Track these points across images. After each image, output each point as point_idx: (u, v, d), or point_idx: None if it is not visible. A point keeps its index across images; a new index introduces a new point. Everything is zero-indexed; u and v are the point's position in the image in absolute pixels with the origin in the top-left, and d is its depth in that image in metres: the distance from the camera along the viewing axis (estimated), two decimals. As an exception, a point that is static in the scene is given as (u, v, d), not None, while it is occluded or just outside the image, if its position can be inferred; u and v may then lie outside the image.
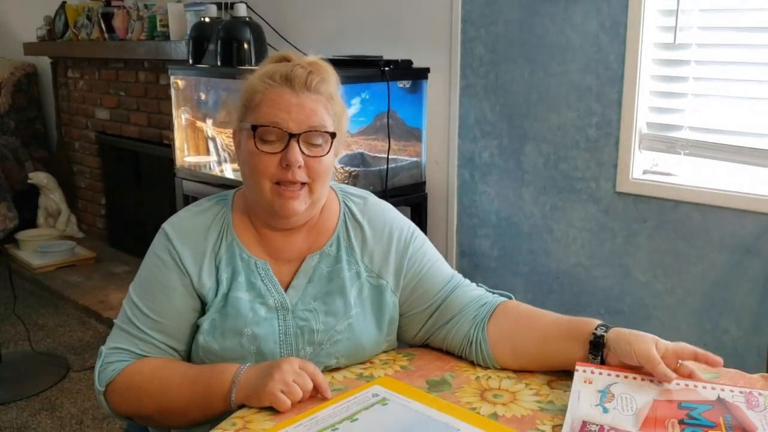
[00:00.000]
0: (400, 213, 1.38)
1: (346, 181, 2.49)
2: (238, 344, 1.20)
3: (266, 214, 1.25)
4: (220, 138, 2.84)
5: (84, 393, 2.84)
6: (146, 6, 3.70)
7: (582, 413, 1.03)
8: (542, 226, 2.50)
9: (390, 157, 2.53)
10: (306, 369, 1.11)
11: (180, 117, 2.99)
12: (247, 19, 2.80)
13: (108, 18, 3.91)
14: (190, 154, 2.99)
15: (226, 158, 2.83)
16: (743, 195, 2.06)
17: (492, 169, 2.60)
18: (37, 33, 4.57)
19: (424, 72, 2.64)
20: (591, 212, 2.36)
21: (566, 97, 2.36)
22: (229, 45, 2.72)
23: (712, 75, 2.13)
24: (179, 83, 2.98)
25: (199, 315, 1.24)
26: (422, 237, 1.35)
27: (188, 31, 3.09)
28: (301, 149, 1.19)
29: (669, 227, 2.20)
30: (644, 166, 2.27)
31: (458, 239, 2.75)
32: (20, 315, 3.25)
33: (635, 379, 1.09)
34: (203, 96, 2.94)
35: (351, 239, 1.30)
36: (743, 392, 1.06)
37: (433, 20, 2.65)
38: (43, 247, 4.28)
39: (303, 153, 1.19)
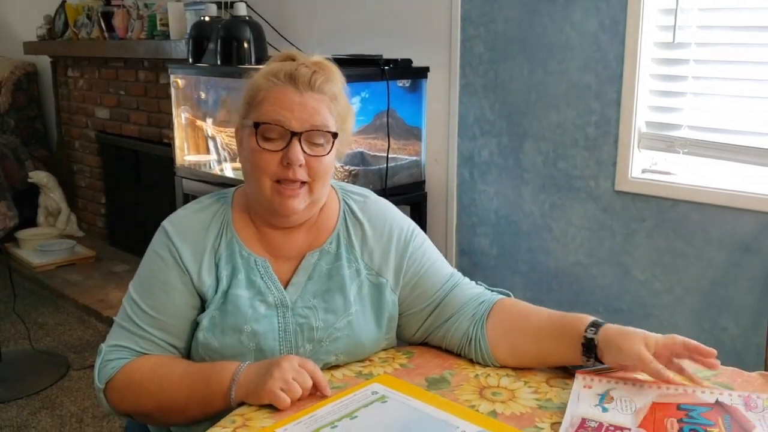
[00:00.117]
0: (401, 211, 1.38)
1: (346, 180, 2.49)
2: (238, 341, 1.21)
3: (266, 212, 1.25)
4: (220, 137, 2.85)
5: (84, 391, 2.84)
6: (146, 5, 3.70)
7: (581, 411, 1.04)
8: (541, 225, 2.50)
9: (390, 156, 2.53)
10: (306, 367, 1.11)
11: (180, 116, 2.99)
12: (247, 18, 2.80)
13: (108, 17, 3.91)
14: (190, 153, 2.99)
15: (226, 157, 2.83)
16: (742, 194, 2.06)
17: (491, 168, 2.60)
18: (37, 32, 4.57)
19: (424, 71, 2.64)
20: (590, 211, 2.37)
21: (565, 96, 2.36)
22: (229, 44, 2.72)
23: (712, 74, 2.13)
24: (179, 82, 2.98)
25: (199, 312, 1.24)
26: (422, 235, 1.36)
27: (188, 30, 3.08)
28: (303, 148, 1.19)
29: (668, 226, 2.21)
30: (643, 165, 2.28)
31: (458, 238, 2.75)
32: (20, 314, 3.25)
33: (635, 385, 1.10)
34: (203, 95, 2.94)
35: (351, 237, 1.30)
36: (741, 395, 1.07)
37: (433, 19, 2.66)
38: (43, 246, 4.29)
39: (304, 152, 1.19)
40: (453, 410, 1.06)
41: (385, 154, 2.52)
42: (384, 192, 2.47)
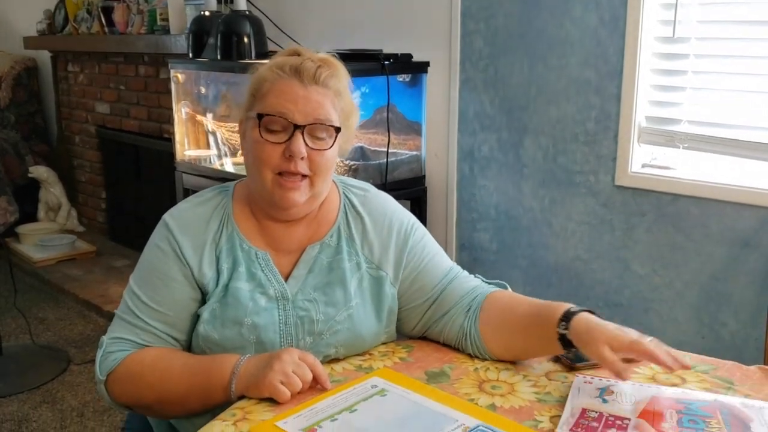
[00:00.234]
0: (401, 205, 1.38)
1: (347, 175, 2.49)
2: (238, 334, 1.21)
3: (267, 204, 1.25)
4: (221, 132, 2.85)
5: (85, 386, 2.85)
6: (146, 0, 3.70)
7: (581, 402, 1.04)
8: (541, 220, 2.50)
9: (390, 151, 2.53)
10: (306, 360, 1.12)
11: (180, 111, 2.99)
12: (247, 13, 2.80)
13: (108, 12, 3.91)
14: (191, 148, 3.00)
15: (227, 152, 2.83)
16: (742, 188, 2.06)
17: (491, 163, 2.60)
18: (37, 27, 4.57)
19: (424, 66, 2.64)
20: (590, 206, 2.37)
21: (565, 91, 2.36)
22: (229, 39, 2.72)
23: (712, 68, 2.13)
24: (179, 77, 2.98)
25: (200, 305, 1.24)
26: (422, 229, 1.36)
27: (188, 25, 3.08)
28: (305, 141, 1.20)
29: (667, 221, 2.21)
30: (643, 160, 2.28)
31: (458, 233, 2.75)
32: (21, 308, 3.26)
33: (634, 385, 1.11)
34: (203, 90, 2.94)
35: (351, 230, 1.30)
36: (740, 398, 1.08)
37: (433, 14, 2.65)
38: (44, 241, 4.29)
39: (307, 145, 1.20)
40: (452, 404, 1.06)
41: (385, 149, 2.52)
42: (384, 187, 2.47)
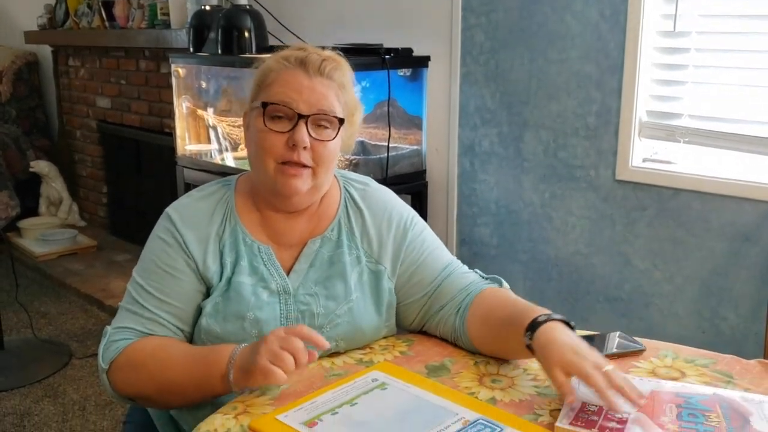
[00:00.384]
0: (402, 200, 1.38)
1: (347, 169, 2.49)
2: (240, 328, 1.22)
3: (269, 193, 1.26)
4: (221, 126, 2.85)
5: (86, 380, 2.86)
6: (147, -6, 3.69)
7: (581, 396, 1.04)
8: (541, 214, 2.51)
9: (390, 146, 2.53)
10: (292, 331, 1.09)
11: (181, 105, 2.99)
12: (248, 7, 2.80)
13: (109, 6, 3.91)
14: (191, 143, 3.00)
15: (227, 147, 2.83)
16: (742, 183, 2.06)
17: (492, 158, 2.60)
18: (38, 21, 4.57)
19: (425, 60, 2.64)
20: (590, 200, 2.37)
21: (566, 85, 2.36)
22: (230, 33, 2.72)
23: (712, 63, 2.13)
24: (180, 71, 2.98)
25: (204, 298, 1.25)
26: (422, 224, 1.36)
27: (189, 20, 3.08)
28: (309, 131, 1.20)
29: (668, 215, 2.21)
30: (644, 154, 2.28)
31: (458, 227, 2.76)
32: (23, 303, 3.26)
33: (634, 379, 1.11)
34: (204, 84, 2.94)
35: (352, 224, 1.31)
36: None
37: (434, 8, 2.65)
38: (45, 236, 4.30)
39: (310, 135, 1.20)
40: (453, 397, 1.07)
41: (386, 144, 2.52)
42: (385, 181, 2.47)
